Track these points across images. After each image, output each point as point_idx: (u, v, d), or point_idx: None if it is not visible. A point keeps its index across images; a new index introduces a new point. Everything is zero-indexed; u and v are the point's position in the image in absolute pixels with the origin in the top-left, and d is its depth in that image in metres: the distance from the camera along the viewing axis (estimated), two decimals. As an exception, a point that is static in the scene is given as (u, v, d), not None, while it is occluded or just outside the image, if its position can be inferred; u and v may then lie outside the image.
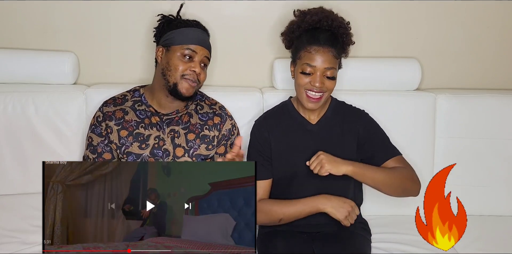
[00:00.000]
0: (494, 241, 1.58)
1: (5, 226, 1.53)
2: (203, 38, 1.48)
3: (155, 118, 1.48)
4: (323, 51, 1.35)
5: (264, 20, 1.82)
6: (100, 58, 1.85)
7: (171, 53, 1.43)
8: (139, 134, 1.46)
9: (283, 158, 1.45)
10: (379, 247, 1.51)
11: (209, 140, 1.50)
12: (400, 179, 1.40)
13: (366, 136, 1.46)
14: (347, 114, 1.49)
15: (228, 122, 1.54)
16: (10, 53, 1.76)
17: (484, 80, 1.92)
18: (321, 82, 1.36)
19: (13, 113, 1.66)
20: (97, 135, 1.47)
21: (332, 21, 1.40)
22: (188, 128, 1.49)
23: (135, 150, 1.45)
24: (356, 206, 1.38)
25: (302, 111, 1.49)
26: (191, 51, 1.43)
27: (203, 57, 1.45)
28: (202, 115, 1.52)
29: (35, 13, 1.79)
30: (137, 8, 1.78)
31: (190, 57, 1.43)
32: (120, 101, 1.50)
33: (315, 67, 1.35)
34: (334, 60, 1.36)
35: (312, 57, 1.35)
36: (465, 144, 1.73)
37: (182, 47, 1.43)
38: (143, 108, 1.49)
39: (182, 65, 1.42)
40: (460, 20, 1.85)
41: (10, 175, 1.68)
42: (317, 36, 1.37)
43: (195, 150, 1.48)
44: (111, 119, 1.46)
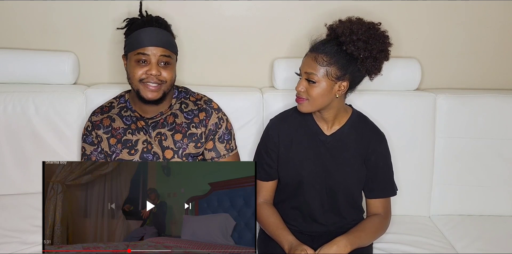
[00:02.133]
0: (494, 241, 1.58)
1: (5, 226, 1.54)
2: (157, 36, 1.37)
3: (140, 123, 1.46)
4: (308, 56, 1.36)
5: (264, 20, 1.83)
6: (100, 58, 1.85)
7: (129, 61, 1.40)
8: (127, 140, 1.45)
9: (291, 164, 1.44)
10: (379, 247, 1.52)
11: (196, 137, 1.47)
12: (379, 234, 1.45)
13: (374, 166, 1.44)
14: (365, 135, 1.44)
15: (214, 116, 1.48)
16: (10, 53, 1.76)
17: (484, 80, 1.92)
18: (299, 86, 1.37)
19: (13, 113, 1.66)
20: (89, 143, 1.47)
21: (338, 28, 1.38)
22: (174, 128, 1.46)
23: (125, 156, 1.44)
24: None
25: (318, 120, 1.45)
26: (143, 55, 1.35)
27: (159, 57, 1.36)
28: (187, 114, 1.48)
29: (35, 13, 1.79)
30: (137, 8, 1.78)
31: (144, 61, 1.36)
32: (107, 109, 1.49)
33: (300, 71, 1.38)
34: (314, 64, 1.33)
35: (302, 61, 1.38)
36: (465, 144, 1.73)
37: (134, 52, 1.36)
38: (129, 114, 1.48)
39: (139, 70, 1.36)
40: (460, 20, 1.85)
41: (10, 175, 1.68)
42: (313, 44, 1.38)
43: (184, 150, 1.46)
44: (99, 128, 1.46)
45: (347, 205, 1.46)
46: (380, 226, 1.43)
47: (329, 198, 1.44)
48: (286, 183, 1.47)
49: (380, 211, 1.45)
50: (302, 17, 1.81)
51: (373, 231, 1.41)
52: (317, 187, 1.43)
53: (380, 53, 1.35)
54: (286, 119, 1.48)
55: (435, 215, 1.77)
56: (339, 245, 1.29)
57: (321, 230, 1.47)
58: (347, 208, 1.46)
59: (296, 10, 1.81)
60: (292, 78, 1.75)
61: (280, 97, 1.72)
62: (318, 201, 1.44)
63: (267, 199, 1.49)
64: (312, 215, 1.46)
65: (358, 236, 1.35)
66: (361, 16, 1.43)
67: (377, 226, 1.43)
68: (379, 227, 1.43)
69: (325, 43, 1.34)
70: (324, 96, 1.34)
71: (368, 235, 1.39)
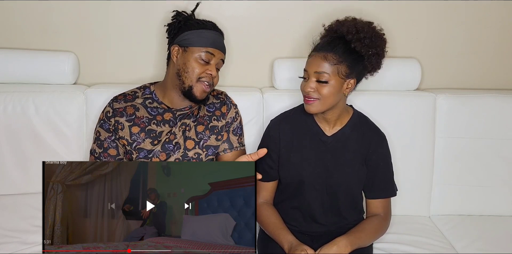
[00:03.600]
0: (494, 241, 1.58)
1: (5, 226, 1.54)
2: (220, 41, 1.46)
3: (168, 115, 1.47)
4: (315, 56, 1.35)
5: (264, 20, 1.83)
6: (100, 58, 1.85)
7: (189, 54, 1.42)
8: (151, 130, 1.46)
9: (291, 165, 1.44)
10: (379, 247, 1.52)
11: (218, 130, 1.51)
12: (379, 234, 1.45)
13: (374, 167, 1.44)
14: (366, 135, 1.45)
15: (233, 111, 1.55)
16: (10, 53, 1.76)
17: (484, 80, 1.92)
18: (307, 87, 1.35)
19: (13, 113, 1.66)
20: (105, 130, 1.46)
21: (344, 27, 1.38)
22: (197, 120, 1.49)
23: (147, 146, 1.45)
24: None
25: (319, 121, 1.45)
26: (209, 54, 1.42)
27: (219, 61, 1.45)
28: (209, 107, 1.53)
29: (35, 13, 1.79)
30: (137, 8, 1.78)
31: (207, 60, 1.42)
32: (130, 98, 1.49)
33: (307, 72, 1.36)
34: (323, 63, 1.33)
35: (307, 62, 1.37)
36: (465, 144, 1.73)
37: (201, 49, 1.41)
38: (155, 105, 1.48)
39: (199, 68, 1.41)
40: (460, 20, 1.85)
41: (10, 175, 1.68)
42: (319, 43, 1.38)
43: (205, 141, 1.49)
44: (122, 116, 1.46)
45: (347, 205, 1.46)
46: (380, 226, 1.44)
47: (330, 198, 1.44)
48: (287, 183, 1.47)
49: (380, 211, 1.46)
50: (302, 17, 1.81)
51: (373, 232, 1.41)
52: (318, 187, 1.43)
53: (383, 50, 1.39)
54: (287, 120, 1.48)
55: (435, 215, 1.77)
56: (339, 245, 1.29)
57: (321, 230, 1.47)
58: (348, 208, 1.46)
59: (296, 10, 1.81)
60: (292, 78, 1.75)
61: (280, 97, 1.72)
62: (319, 201, 1.44)
63: (267, 200, 1.49)
64: (313, 215, 1.46)
65: (358, 236, 1.35)
66: (361, 16, 1.43)
67: (377, 227, 1.43)
68: (379, 228, 1.43)
69: (331, 42, 1.35)
70: (335, 94, 1.35)
71: (368, 235, 1.39)
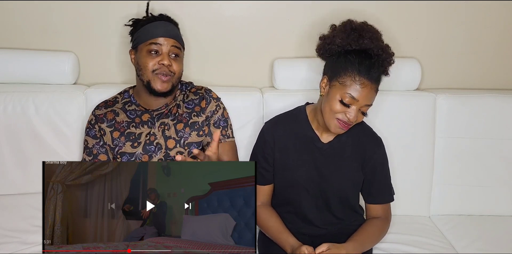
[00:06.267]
0: (494, 241, 1.58)
1: (5, 226, 1.53)
2: (166, 28, 1.44)
3: (146, 116, 1.48)
4: (370, 87, 1.29)
5: (264, 20, 1.83)
6: (100, 58, 1.85)
7: (139, 53, 1.44)
8: (130, 133, 1.47)
9: (286, 170, 1.43)
10: (379, 247, 1.51)
11: (199, 126, 1.50)
12: (382, 237, 1.46)
13: (371, 173, 1.43)
14: (362, 140, 1.43)
15: (213, 104, 1.52)
16: (10, 53, 1.76)
17: (484, 80, 1.92)
18: (355, 117, 1.30)
19: (13, 113, 1.66)
20: (92, 137, 1.49)
21: (383, 52, 1.33)
22: (177, 118, 1.49)
23: (128, 149, 1.46)
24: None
25: (316, 127, 1.43)
26: (156, 45, 1.41)
27: (171, 47, 1.42)
28: (188, 103, 1.51)
29: (35, 13, 1.79)
30: (137, 8, 1.78)
31: (156, 51, 1.41)
32: (111, 103, 1.52)
33: (358, 101, 1.29)
34: (374, 96, 1.32)
35: (358, 90, 1.28)
36: (465, 144, 1.73)
37: (146, 43, 1.41)
38: (133, 108, 1.50)
39: (151, 61, 1.41)
40: (460, 20, 1.85)
41: (10, 175, 1.68)
42: (370, 69, 1.29)
43: (185, 139, 1.48)
44: (103, 122, 1.48)
45: (343, 208, 1.46)
46: (383, 229, 1.45)
47: (324, 203, 1.44)
48: (281, 187, 1.46)
49: (381, 214, 1.46)
50: (302, 17, 1.81)
51: (377, 235, 1.43)
52: (312, 192, 1.42)
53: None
54: (281, 124, 1.46)
55: (435, 215, 1.77)
56: (348, 249, 1.30)
57: (321, 233, 1.46)
58: (344, 211, 1.46)
59: (296, 10, 1.81)
60: (292, 78, 1.75)
61: (280, 97, 1.72)
62: (314, 205, 1.44)
63: (264, 203, 1.48)
64: (308, 219, 1.45)
65: (364, 241, 1.37)
66: (361, 16, 1.43)
67: (380, 229, 1.44)
68: (382, 230, 1.44)
69: (371, 69, 1.29)
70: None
71: (372, 239, 1.41)
